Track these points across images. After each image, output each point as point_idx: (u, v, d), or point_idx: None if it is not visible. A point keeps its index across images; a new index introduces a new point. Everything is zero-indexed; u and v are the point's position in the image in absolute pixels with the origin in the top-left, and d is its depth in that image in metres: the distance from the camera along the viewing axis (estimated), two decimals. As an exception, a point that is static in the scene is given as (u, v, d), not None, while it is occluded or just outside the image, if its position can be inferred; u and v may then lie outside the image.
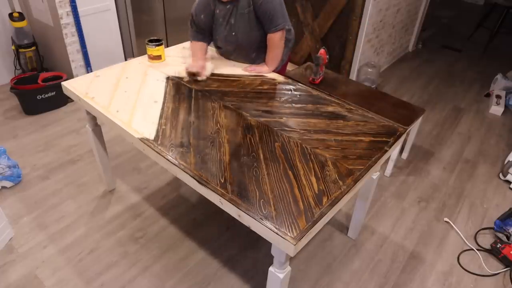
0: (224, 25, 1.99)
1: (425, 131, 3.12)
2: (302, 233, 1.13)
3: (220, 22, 1.99)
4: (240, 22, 1.95)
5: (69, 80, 1.90)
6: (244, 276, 1.88)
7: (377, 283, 1.89)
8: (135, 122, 1.59)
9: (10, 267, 1.86)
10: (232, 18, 1.95)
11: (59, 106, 3.11)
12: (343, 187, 1.31)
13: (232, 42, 2.03)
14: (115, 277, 1.84)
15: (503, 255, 2.02)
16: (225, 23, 1.98)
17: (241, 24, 1.95)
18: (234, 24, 1.96)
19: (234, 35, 1.99)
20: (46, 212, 2.16)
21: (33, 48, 3.20)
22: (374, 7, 3.26)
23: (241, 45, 2.03)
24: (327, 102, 1.82)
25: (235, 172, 1.35)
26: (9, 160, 2.29)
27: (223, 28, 2.00)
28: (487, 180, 2.63)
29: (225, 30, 2.00)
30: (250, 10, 1.91)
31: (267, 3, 1.86)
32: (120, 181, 2.41)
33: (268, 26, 1.93)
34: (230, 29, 1.98)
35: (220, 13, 1.97)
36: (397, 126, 1.67)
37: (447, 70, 4.26)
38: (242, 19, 1.94)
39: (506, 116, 3.44)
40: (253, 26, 1.95)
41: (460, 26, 5.59)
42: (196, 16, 2.01)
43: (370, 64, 3.54)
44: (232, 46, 2.06)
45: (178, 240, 2.04)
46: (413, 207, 2.36)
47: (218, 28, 2.01)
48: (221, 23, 1.99)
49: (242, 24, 1.95)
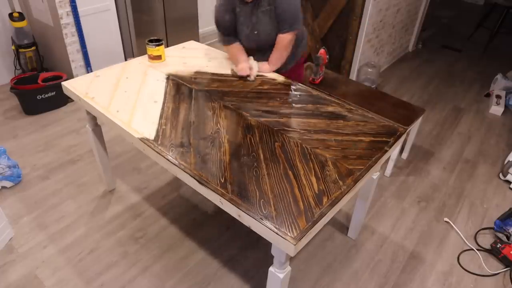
0: (246, 24, 1.97)
1: (425, 131, 3.12)
2: (302, 233, 1.13)
3: (241, 21, 1.98)
4: (262, 21, 1.94)
5: (69, 80, 1.90)
6: (244, 276, 1.88)
7: (377, 283, 1.89)
8: (135, 122, 1.59)
9: (10, 267, 1.86)
10: (254, 17, 1.94)
11: (59, 106, 3.11)
12: (343, 187, 1.31)
13: (255, 41, 2.01)
14: (115, 277, 1.84)
15: (503, 255, 2.02)
16: (247, 22, 1.97)
17: (263, 23, 1.94)
18: (256, 23, 1.95)
19: (256, 33, 1.98)
20: (46, 212, 2.16)
21: (33, 48, 3.20)
22: (374, 7, 3.26)
23: (263, 44, 2.02)
24: (327, 102, 1.82)
25: (235, 172, 1.35)
26: (9, 160, 2.29)
27: (245, 27, 1.99)
28: (487, 180, 2.63)
29: (247, 29, 1.98)
30: (271, 9, 1.90)
31: (283, 3, 1.87)
32: (120, 181, 2.41)
33: (281, 26, 1.93)
34: (253, 28, 1.97)
35: (241, 12, 1.96)
36: (397, 126, 1.67)
37: (447, 70, 4.26)
38: (264, 17, 1.93)
39: (506, 116, 3.44)
40: (275, 25, 1.94)
41: (460, 26, 5.59)
42: (221, 19, 1.99)
43: (370, 64, 3.54)
44: (255, 45, 2.04)
45: (178, 240, 2.04)
46: (413, 207, 2.36)
47: (240, 27, 2.00)
48: (242, 22, 1.98)
49: (263, 23, 1.94)
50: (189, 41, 2.43)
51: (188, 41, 2.42)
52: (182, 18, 3.74)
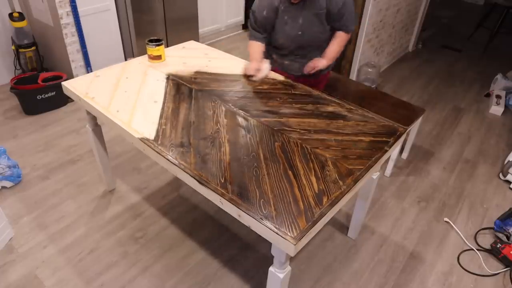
0: (290, 23, 1.94)
1: (425, 131, 3.12)
2: (302, 233, 1.13)
3: (285, 21, 1.95)
4: (311, 23, 1.93)
5: (69, 80, 1.90)
6: (244, 276, 1.88)
7: (377, 283, 1.89)
8: (135, 122, 1.59)
9: (10, 267, 1.86)
10: (301, 18, 1.92)
11: (59, 106, 3.11)
12: (343, 187, 1.31)
13: (297, 42, 1.99)
14: (115, 277, 1.84)
15: (503, 255, 2.02)
16: (292, 22, 1.94)
17: (312, 25, 1.93)
18: (302, 24, 1.93)
19: (300, 34, 1.96)
20: (46, 212, 2.16)
21: (33, 48, 3.20)
22: (374, 7, 3.26)
23: (304, 46, 2.01)
24: (327, 102, 1.82)
25: (235, 172, 1.35)
26: (9, 160, 2.29)
27: (289, 27, 1.95)
28: (487, 180, 2.63)
29: (291, 29, 1.95)
30: (324, 12, 1.90)
31: (347, 4, 1.90)
32: (120, 181, 2.41)
33: (342, 25, 1.97)
34: (298, 29, 1.95)
35: (286, 12, 1.92)
36: (397, 126, 1.67)
37: (447, 70, 4.26)
38: (314, 20, 1.92)
39: (506, 116, 3.44)
40: (324, 27, 1.95)
41: (460, 26, 5.59)
42: (258, 13, 1.96)
43: (370, 64, 3.54)
44: (295, 46, 2.02)
45: (178, 240, 2.04)
46: (413, 207, 2.36)
47: (283, 26, 1.97)
48: (286, 22, 1.95)
49: (312, 25, 1.93)
50: (189, 41, 2.43)
51: (188, 41, 2.42)
52: (182, 18, 3.74)
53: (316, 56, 2.06)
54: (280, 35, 2.00)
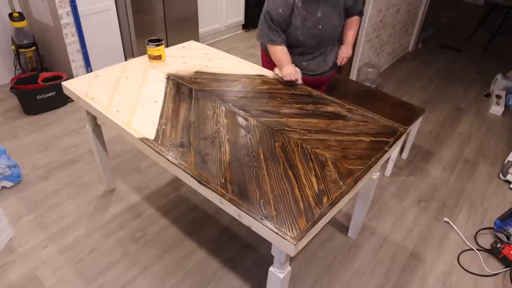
0: (310, 18, 1.92)
1: (425, 131, 3.12)
2: (302, 233, 1.13)
3: (304, 16, 1.91)
4: (329, 15, 1.92)
5: (69, 80, 1.89)
6: (244, 276, 1.88)
7: (377, 283, 1.89)
8: (135, 122, 1.59)
9: (10, 267, 1.86)
10: (320, 11, 1.91)
11: (59, 106, 3.11)
12: (343, 187, 1.31)
13: (316, 36, 1.97)
14: (115, 277, 1.84)
15: (503, 255, 2.02)
16: (311, 17, 1.92)
17: (330, 17, 1.93)
18: (321, 18, 1.92)
19: (320, 28, 1.94)
20: (46, 212, 2.16)
21: (33, 48, 3.20)
22: (374, 7, 3.26)
23: (325, 40, 2.00)
24: (327, 102, 1.82)
25: (235, 172, 1.35)
26: (9, 160, 2.29)
27: (309, 22, 1.93)
28: (487, 180, 2.63)
29: (311, 23, 1.93)
30: (343, 3, 1.93)
31: None
32: (120, 181, 2.41)
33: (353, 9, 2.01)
34: (317, 23, 1.93)
35: (304, 6, 1.90)
36: (397, 126, 1.67)
37: (447, 70, 4.26)
38: (333, 12, 1.93)
39: (506, 116, 3.44)
40: (341, 20, 1.97)
41: (460, 26, 5.59)
42: (273, 11, 1.90)
43: (370, 64, 3.54)
44: (315, 42, 1.99)
45: (178, 240, 2.04)
46: (413, 207, 2.36)
47: (301, 22, 1.93)
48: (305, 17, 1.92)
49: (331, 17, 1.93)
50: (189, 41, 2.43)
51: (188, 41, 2.42)
52: (182, 18, 3.74)
53: (333, 52, 2.08)
54: (300, 31, 1.95)
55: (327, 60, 2.10)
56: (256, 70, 2.08)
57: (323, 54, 2.07)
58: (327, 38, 2.00)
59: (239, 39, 4.73)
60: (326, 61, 2.10)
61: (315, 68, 2.10)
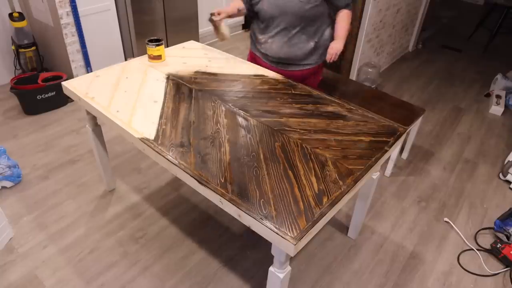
0: None
1: (425, 131, 3.12)
2: (302, 233, 1.13)
3: None
4: None
5: (69, 80, 1.89)
6: (244, 276, 1.88)
7: (377, 283, 1.89)
8: (135, 122, 1.59)
9: (10, 267, 1.86)
10: None
11: (59, 106, 3.11)
12: (343, 187, 1.31)
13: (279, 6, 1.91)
14: (115, 277, 1.84)
15: (503, 255, 2.02)
16: None
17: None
18: None
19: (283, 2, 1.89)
20: (46, 212, 2.16)
21: (33, 48, 3.20)
22: (374, 7, 3.26)
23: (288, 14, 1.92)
24: (327, 102, 1.82)
25: (235, 172, 1.35)
26: (9, 160, 2.29)
27: None
28: (487, 180, 2.63)
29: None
30: None
31: None
32: (120, 181, 2.41)
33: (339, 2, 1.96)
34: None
35: None
36: (397, 126, 1.67)
37: (447, 70, 4.26)
38: None
39: (506, 116, 3.44)
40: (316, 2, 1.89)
41: (460, 26, 5.59)
42: None
43: (370, 64, 3.54)
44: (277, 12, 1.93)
45: (178, 240, 2.04)
46: (413, 207, 2.36)
47: None
48: None
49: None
50: (189, 41, 2.43)
51: (188, 41, 2.42)
52: (182, 18, 3.74)
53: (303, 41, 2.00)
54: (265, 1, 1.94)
55: (292, 44, 2.00)
56: (256, 70, 2.08)
57: (287, 34, 1.98)
58: (292, 13, 1.91)
59: (239, 39, 4.73)
60: (292, 45, 2.01)
61: (277, 49, 2.02)
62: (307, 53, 2.04)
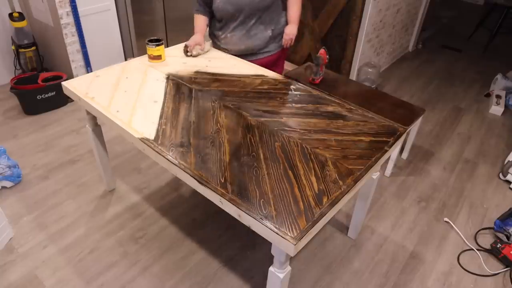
0: None
1: (425, 131, 3.12)
2: (302, 233, 1.13)
3: None
4: None
5: (69, 80, 1.90)
6: (244, 276, 1.88)
7: (377, 283, 1.89)
8: (135, 122, 1.59)
9: (10, 267, 1.86)
10: None
11: (59, 106, 3.11)
12: (343, 187, 1.31)
13: (234, 3, 1.98)
14: (115, 277, 1.84)
15: (503, 255, 2.02)
16: None
17: None
18: None
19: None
20: (46, 212, 2.16)
21: (33, 48, 3.20)
22: (374, 7, 3.26)
23: (244, 7, 1.98)
24: (327, 102, 1.82)
25: (235, 172, 1.35)
26: (9, 160, 2.29)
27: None
28: (487, 180, 2.63)
29: None
30: None
31: None
32: (120, 181, 2.41)
33: None
34: None
35: None
36: (397, 126, 1.67)
37: (447, 70, 4.26)
38: None
39: (506, 116, 3.44)
40: None
41: (460, 26, 5.59)
42: None
43: (370, 64, 3.54)
44: (233, 8, 2.00)
45: (178, 240, 2.04)
46: (413, 207, 2.36)
47: None
48: None
49: None
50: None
51: (188, 41, 2.41)
52: (182, 18, 3.74)
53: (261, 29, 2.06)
54: None
55: (251, 35, 2.08)
56: (256, 70, 2.08)
57: (245, 27, 2.05)
58: (247, 6, 1.97)
59: (239, 39, 4.72)
60: (250, 36, 2.08)
61: (238, 41, 2.10)
62: (267, 42, 2.13)
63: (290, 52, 3.82)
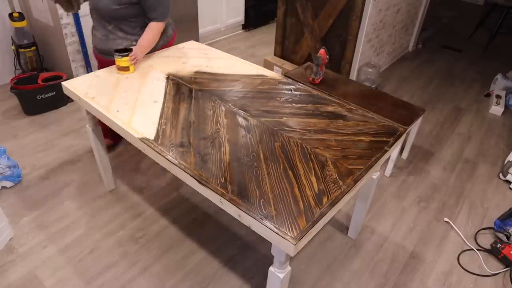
0: None
1: (425, 131, 3.12)
2: (302, 233, 1.13)
3: None
4: None
5: (69, 80, 1.90)
6: (244, 276, 1.88)
7: (377, 283, 1.89)
8: (135, 122, 1.59)
9: (10, 267, 1.86)
10: None
11: (59, 106, 3.11)
12: (343, 187, 1.31)
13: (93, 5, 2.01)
14: (115, 277, 1.84)
15: (503, 255, 2.02)
16: None
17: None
18: None
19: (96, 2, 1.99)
20: (46, 212, 2.16)
21: (33, 48, 3.20)
22: (374, 7, 3.26)
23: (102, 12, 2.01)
24: (327, 102, 1.82)
25: (235, 172, 1.35)
26: (9, 160, 2.29)
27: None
28: (487, 180, 2.63)
29: None
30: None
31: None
32: (120, 181, 2.41)
33: (148, 12, 2.01)
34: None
35: None
36: (397, 126, 1.67)
37: (447, 70, 4.26)
38: None
39: (506, 116, 3.44)
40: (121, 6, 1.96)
41: (460, 26, 5.59)
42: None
43: (370, 64, 3.54)
44: (94, 10, 2.04)
45: (178, 240, 2.04)
46: (413, 207, 2.36)
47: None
48: None
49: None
50: (189, 41, 2.43)
51: (188, 41, 2.42)
52: (182, 18, 3.74)
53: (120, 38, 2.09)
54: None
55: (110, 39, 2.09)
56: (256, 70, 2.08)
57: (105, 30, 2.07)
58: (104, 12, 2.00)
59: (239, 39, 4.73)
60: (109, 40, 2.09)
61: (99, 42, 2.13)
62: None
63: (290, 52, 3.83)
